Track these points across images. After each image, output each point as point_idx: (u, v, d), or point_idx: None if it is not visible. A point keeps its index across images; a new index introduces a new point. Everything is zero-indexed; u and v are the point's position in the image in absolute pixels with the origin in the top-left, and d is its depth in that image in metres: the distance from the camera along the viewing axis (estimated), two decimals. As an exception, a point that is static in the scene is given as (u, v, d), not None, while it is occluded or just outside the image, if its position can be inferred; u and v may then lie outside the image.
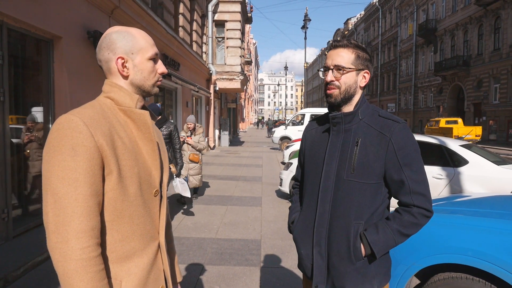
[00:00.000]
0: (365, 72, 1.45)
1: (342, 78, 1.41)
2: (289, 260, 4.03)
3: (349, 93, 1.43)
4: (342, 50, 1.43)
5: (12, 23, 4.10)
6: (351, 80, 1.42)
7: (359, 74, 1.44)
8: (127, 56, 1.16)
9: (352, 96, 1.45)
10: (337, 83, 1.42)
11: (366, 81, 1.45)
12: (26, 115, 4.76)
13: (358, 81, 1.44)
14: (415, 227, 1.37)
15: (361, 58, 1.43)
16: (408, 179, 1.36)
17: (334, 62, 1.43)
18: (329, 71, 1.45)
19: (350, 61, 1.41)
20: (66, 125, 1.01)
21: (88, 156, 1.00)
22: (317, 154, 1.51)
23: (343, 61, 1.41)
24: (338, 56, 1.42)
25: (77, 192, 0.98)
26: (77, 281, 0.97)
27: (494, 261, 2.06)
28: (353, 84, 1.43)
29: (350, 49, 1.43)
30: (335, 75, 1.42)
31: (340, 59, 1.42)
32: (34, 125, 4.79)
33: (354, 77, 1.42)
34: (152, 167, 1.20)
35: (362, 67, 1.43)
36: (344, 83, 1.42)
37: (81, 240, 0.97)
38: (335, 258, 1.41)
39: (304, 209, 1.55)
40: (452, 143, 5.38)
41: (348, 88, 1.42)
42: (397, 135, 1.36)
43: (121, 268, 1.10)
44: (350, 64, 1.41)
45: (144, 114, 1.18)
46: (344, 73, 1.41)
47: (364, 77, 1.45)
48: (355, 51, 1.42)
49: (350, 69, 1.41)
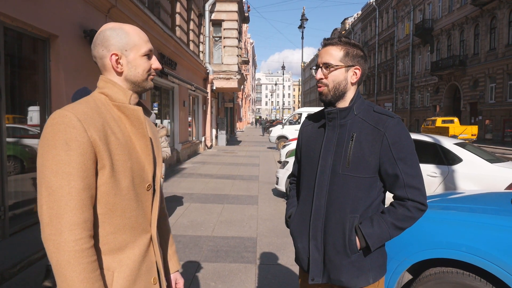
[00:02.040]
0: (355, 69, 1.45)
1: (330, 76, 1.43)
2: (284, 258, 4.06)
3: (338, 90, 1.45)
4: (331, 48, 1.45)
5: (8, 22, 4.11)
6: (340, 77, 1.43)
7: (348, 71, 1.44)
8: (121, 53, 1.18)
9: (344, 93, 1.46)
10: (325, 81, 1.45)
11: (357, 77, 1.46)
12: (22, 114, 4.76)
13: (348, 78, 1.45)
14: (409, 221, 1.40)
15: (351, 54, 1.44)
16: (402, 173, 1.38)
17: (323, 60, 1.45)
18: (318, 69, 1.47)
19: (338, 58, 1.43)
20: (60, 120, 1.03)
21: (81, 151, 1.02)
22: (313, 149, 1.53)
23: (331, 58, 1.43)
24: (327, 54, 1.45)
25: (70, 185, 1.00)
26: (70, 271, 0.99)
27: (485, 256, 2.09)
28: (343, 81, 1.44)
29: (339, 46, 1.44)
30: (324, 73, 1.45)
31: (328, 57, 1.44)
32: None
33: (343, 74, 1.44)
34: (145, 162, 1.22)
35: (352, 64, 1.44)
36: (332, 81, 1.44)
37: (74, 232, 1.00)
38: (331, 251, 1.44)
39: (301, 203, 1.58)
40: (447, 142, 5.43)
41: (337, 85, 1.44)
42: (391, 130, 1.38)
43: (113, 259, 1.13)
44: (338, 61, 1.43)
45: (137, 110, 1.21)
46: (332, 71, 1.43)
47: (355, 73, 1.45)
48: (344, 48, 1.44)
49: (338, 66, 1.43)
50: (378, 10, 45.15)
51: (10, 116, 4.43)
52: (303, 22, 26.40)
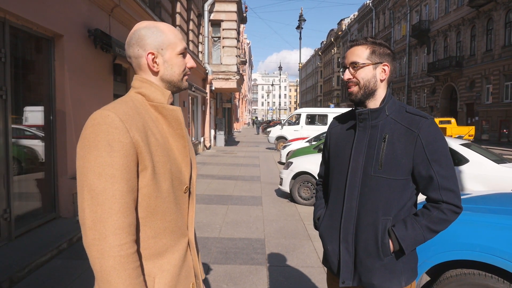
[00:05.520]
0: (383, 65, 1.44)
1: (358, 74, 1.43)
2: (294, 259, 4.03)
3: (368, 88, 1.43)
4: (356, 48, 1.45)
5: (14, 21, 4.05)
6: (369, 75, 1.43)
7: (376, 68, 1.43)
8: (157, 52, 1.15)
9: (374, 91, 1.45)
10: (355, 79, 1.44)
11: (387, 74, 1.45)
12: (27, 115, 4.69)
13: (377, 75, 1.44)
14: (444, 223, 1.38)
15: (377, 52, 1.43)
16: (437, 175, 1.36)
17: (349, 60, 1.45)
18: (346, 70, 1.47)
19: (365, 56, 1.42)
20: (102, 120, 1.00)
21: (125, 152, 0.99)
22: (343, 150, 1.51)
23: (357, 57, 1.43)
24: (353, 54, 1.45)
25: (114, 188, 0.97)
26: (115, 277, 0.96)
27: (506, 256, 2.08)
28: (372, 79, 1.43)
29: (364, 45, 1.44)
30: (351, 72, 1.45)
31: (354, 57, 1.44)
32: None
33: (371, 71, 1.43)
34: (182, 164, 1.20)
35: (380, 61, 1.43)
36: (362, 78, 1.43)
37: (119, 237, 0.97)
38: (363, 254, 1.41)
39: (330, 205, 1.55)
40: (453, 142, 5.43)
41: (366, 83, 1.43)
42: (425, 131, 1.37)
43: (154, 265, 1.10)
44: (365, 59, 1.42)
45: (176, 110, 1.18)
46: (359, 68, 1.42)
47: (384, 70, 1.44)
48: (370, 47, 1.43)
49: (365, 64, 1.42)
50: (374, 11, 45.33)
51: (14, 117, 4.36)
52: (301, 22, 26.43)
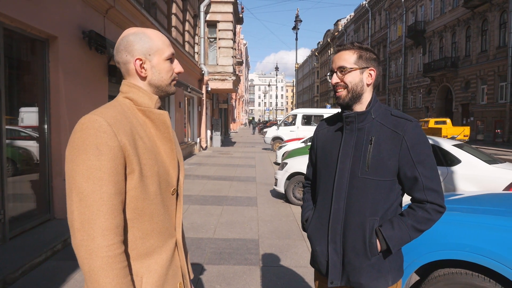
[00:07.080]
0: (370, 70, 1.48)
1: (346, 78, 1.46)
2: (287, 259, 4.06)
3: (356, 92, 1.47)
4: (344, 53, 1.49)
5: (8, 22, 4.06)
6: (356, 79, 1.46)
7: (363, 73, 1.48)
8: (145, 57, 1.18)
9: (361, 95, 1.48)
10: (343, 83, 1.48)
11: (373, 78, 1.49)
12: (21, 116, 4.70)
13: (364, 79, 1.48)
14: (429, 223, 1.42)
15: (364, 57, 1.47)
16: (421, 175, 1.41)
17: (337, 64, 1.49)
18: (334, 74, 1.51)
19: (352, 61, 1.46)
20: (90, 125, 1.03)
21: (112, 156, 1.02)
22: (330, 152, 1.54)
23: (345, 62, 1.47)
24: (340, 59, 1.48)
25: (102, 190, 1.00)
26: (103, 277, 0.98)
27: (493, 256, 2.12)
28: (359, 83, 1.47)
29: (351, 50, 1.48)
30: (339, 76, 1.48)
31: (342, 61, 1.48)
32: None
33: (358, 76, 1.47)
34: (170, 166, 1.23)
35: (366, 66, 1.47)
36: (350, 82, 1.46)
37: (107, 238, 0.99)
38: (351, 254, 1.45)
39: (318, 207, 1.58)
40: (445, 143, 5.49)
41: (354, 87, 1.46)
42: (410, 133, 1.41)
43: (141, 265, 1.13)
44: (353, 64, 1.46)
45: (163, 114, 1.21)
46: (346, 73, 1.46)
47: (370, 75, 1.48)
48: (357, 52, 1.47)
49: (352, 68, 1.46)
50: (370, 12, 45.50)
51: (8, 118, 4.37)
52: (297, 23, 26.49)
